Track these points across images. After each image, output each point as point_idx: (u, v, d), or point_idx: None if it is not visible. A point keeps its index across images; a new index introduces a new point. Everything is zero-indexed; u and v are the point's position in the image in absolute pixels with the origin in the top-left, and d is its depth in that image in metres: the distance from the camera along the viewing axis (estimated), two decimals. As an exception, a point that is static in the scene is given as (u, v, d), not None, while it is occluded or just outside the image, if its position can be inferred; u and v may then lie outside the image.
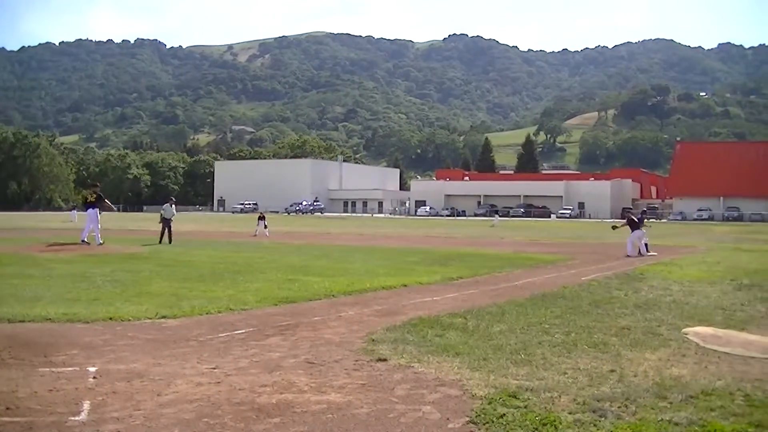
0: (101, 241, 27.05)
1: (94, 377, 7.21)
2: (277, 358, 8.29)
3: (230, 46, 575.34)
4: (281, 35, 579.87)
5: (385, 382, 7.16)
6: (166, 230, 31.04)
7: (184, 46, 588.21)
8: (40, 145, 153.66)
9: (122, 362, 7.92)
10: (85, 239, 27.24)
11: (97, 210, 27.54)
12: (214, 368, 7.70)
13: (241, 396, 6.59)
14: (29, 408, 6.09)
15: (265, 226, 40.89)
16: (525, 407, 6.27)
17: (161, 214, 32.04)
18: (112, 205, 29.10)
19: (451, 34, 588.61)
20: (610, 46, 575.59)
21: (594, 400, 6.52)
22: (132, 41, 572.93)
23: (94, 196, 27.97)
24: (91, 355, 8.23)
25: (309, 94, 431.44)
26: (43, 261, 20.12)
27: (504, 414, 6.06)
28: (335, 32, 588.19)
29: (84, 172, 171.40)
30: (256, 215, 46.13)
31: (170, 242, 30.35)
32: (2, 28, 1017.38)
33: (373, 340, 9.30)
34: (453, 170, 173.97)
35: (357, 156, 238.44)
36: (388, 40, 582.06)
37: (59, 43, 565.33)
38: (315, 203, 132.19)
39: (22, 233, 38.42)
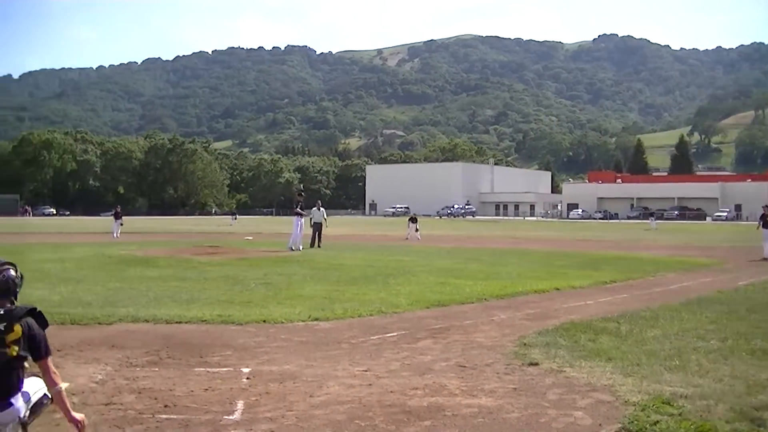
0: (297, 248, 28.02)
1: (247, 378, 7.43)
2: (428, 361, 8.30)
3: (379, 51, 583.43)
4: (429, 39, 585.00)
5: (536, 387, 7.08)
6: (317, 233, 31.62)
7: (333, 52, 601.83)
8: (195, 150, 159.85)
9: (275, 363, 8.12)
10: (294, 247, 28.21)
11: (300, 217, 28.75)
12: (366, 370, 7.78)
13: (392, 398, 6.63)
14: (186, 406, 6.34)
15: (417, 229, 40.95)
16: (679, 415, 6.05)
17: (311, 218, 32.67)
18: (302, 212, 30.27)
19: (601, 34, 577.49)
20: (767, 42, 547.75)
21: (752, 409, 6.23)
22: (282, 48, 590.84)
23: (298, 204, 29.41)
24: (244, 356, 8.48)
25: (459, 97, 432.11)
26: (199, 264, 20.90)
27: (657, 421, 5.88)
28: (484, 35, 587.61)
29: (237, 177, 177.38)
30: (407, 218, 46.36)
31: (319, 246, 30.89)
32: (158, 38, 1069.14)
33: (524, 344, 9.20)
34: (605, 172, 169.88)
35: (508, 159, 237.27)
36: (537, 41, 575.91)
37: (212, 52, 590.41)
38: (466, 207, 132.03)
39: (178, 237, 40.09)
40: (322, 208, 33.30)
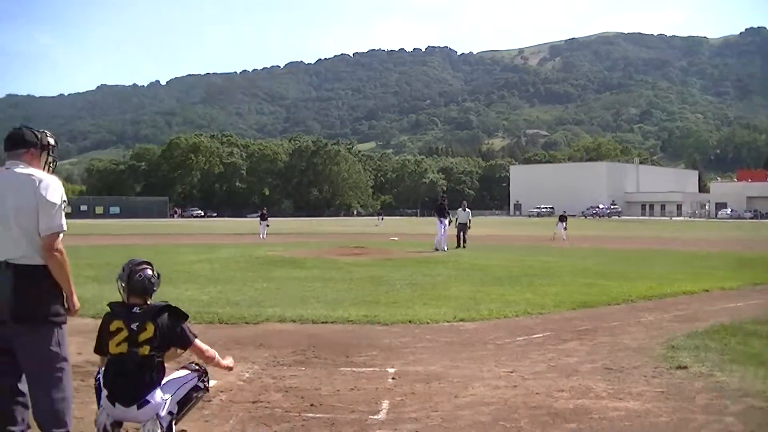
0: (441, 249, 28.28)
1: (393, 378, 7.45)
2: (574, 363, 8.16)
3: (520, 50, 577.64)
4: (571, 37, 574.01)
5: (685, 391, 6.87)
6: (461, 234, 31.75)
7: (474, 52, 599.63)
8: (339, 152, 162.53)
9: (421, 364, 8.12)
10: (439, 248, 28.55)
11: (444, 219, 29.10)
12: (512, 372, 7.70)
13: (537, 400, 6.54)
14: (331, 405, 6.41)
15: (565, 228, 40.52)
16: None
17: (455, 219, 32.84)
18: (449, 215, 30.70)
19: (748, 27, 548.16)
20: None
21: None
22: (423, 49, 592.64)
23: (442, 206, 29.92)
24: (390, 357, 8.52)
25: (602, 95, 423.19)
26: (344, 264, 21.21)
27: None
28: (626, 31, 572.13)
29: (381, 178, 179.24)
30: (557, 217, 45.90)
31: (464, 246, 31.11)
32: (301, 43, 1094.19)
33: (672, 347, 8.92)
34: (755, 171, 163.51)
35: (653, 158, 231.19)
36: (681, 37, 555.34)
37: (353, 54, 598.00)
38: (612, 207, 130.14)
39: (324, 238, 40.85)
40: (467, 209, 33.65)
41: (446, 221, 29.71)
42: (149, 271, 5.08)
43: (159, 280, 5.17)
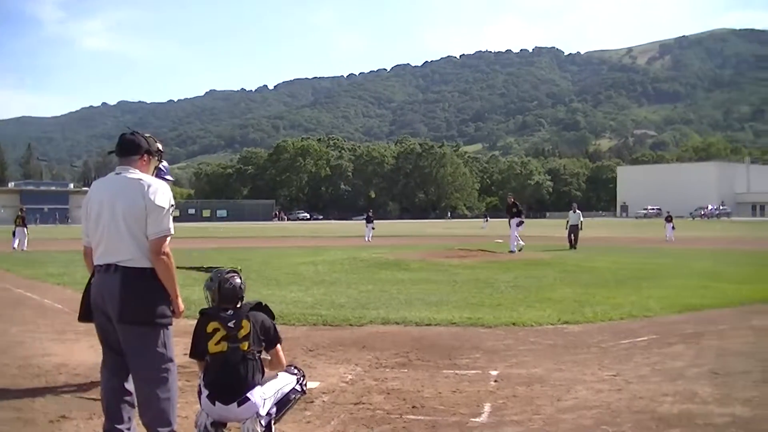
0: (513, 250, 28.11)
1: (495, 380, 7.40)
2: (679, 367, 7.95)
3: (629, 49, 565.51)
4: (681, 35, 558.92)
5: (796, 397, 6.59)
6: (573, 235, 32.07)
7: (581, 52, 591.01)
8: (445, 154, 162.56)
9: (523, 366, 8.05)
10: (514, 249, 28.51)
11: (517, 219, 29.03)
12: (615, 375, 7.56)
13: (641, 404, 6.40)
14: (433, 408, 6.40)
15: (673, 228, 39.90)
16: None
17: (566, 221, 33.26)
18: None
19: None
20: None
21: None
22: (530, 50, 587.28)
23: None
24: (493, 359, 8.47)
25: (712, 94, 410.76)
26: (449, 267, 21.12)
27: None
28: (738, 28, 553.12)
29: (488, 180, 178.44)
30: (663, 219, 45.15)
31: (575, 248, 31.18)
32: (407, 46, 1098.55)
33: (785, 352, 8.60)
34: None
35: (766, 157, 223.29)
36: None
37: (459, 56, 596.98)
38: (721, 207, 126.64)
39: (429, 240, 40.88)
40: (578, 211, 33.82)
41: (515, 221, 29.40)
42: (237, 279, 5.25)
43: (244, 287, 5.33)
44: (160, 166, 7.69)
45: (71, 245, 32.41)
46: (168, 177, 7.70)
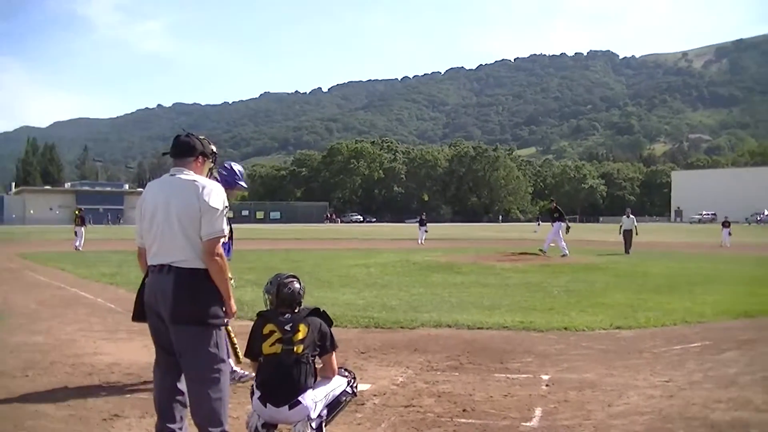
0: (565, 253, 27.89)
1: (546, 385, 7.40)
2: (732, 374, 7.84)
3: (685, 53, 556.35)
4: (738, 38, 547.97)
5: None
6: (627, 240, 32.20)
7: (636, 56, 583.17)
8: (498, 158, 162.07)
9: (575, 371, 8.02)
10: (545, 250, 28.30)
11: (560, 224, 28.72)
12: (667, 381, 7.49)
13: (693, 411, 6.34)
14: (484, 411, 6.41)
15: (729, 234, 39.44)
16: None
17: (620, 226, 33.57)
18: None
19: None
20: None
21: None
22: (585, 53, 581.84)
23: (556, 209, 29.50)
24: (544, 363, 8.45)
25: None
26: (501, 270, 21.08)
27: None
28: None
29: (541, 184, 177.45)
30: (718, 224, 44.71)
31: (628, 252, 31.12)
32: (461, 49, 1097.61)
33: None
34: None
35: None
36: None
37: (514, 60, 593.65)
38: None
39: (482, 243, 40.77)
40: (631, 216, 33.87)
41: (558, 225, 28.97)
42: (296, 285, 5.34)
43: (304, 292, 5.42)
44: (235, 170, 7.86)
45: (122, 245, 33.00)
46: (242, 183, 7.86)
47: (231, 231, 7.86)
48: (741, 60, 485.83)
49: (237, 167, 7.98)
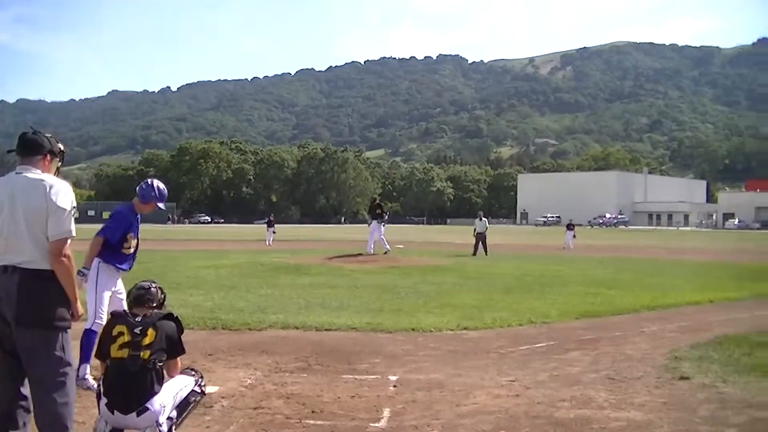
0: (369, 252, 28.09)
1: (394, 386, 7.47)
2: (576, 373, 8.18)
3: (531, 59, 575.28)
4: (582, 46, 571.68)
5: (687, 402, 6.88)
6: (480, 243, 32.66)
7: (485, 61, 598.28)
8: (347, 159, 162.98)
9: (423, 372, 8.14)
10: (367, 252, 28.36)
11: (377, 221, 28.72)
12: (513, 381, 7.72)
13: (539, 409, 6.55)
14: (332, 412, 6.42)
15: (574, 236, 40.94)
16: None
17: (474, 228, 34.23)
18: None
19: (761, 37, 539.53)
20: None
21: None
22: (434, 57, 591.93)
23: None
24: (392, 364, 8.54)
25: (612, 105, 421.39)
26: (350, 272, 21.19)
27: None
28: (638, 41, 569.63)
29: (389, 186, 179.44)
30: (563, 226, 46.42)
31: (486, 254, 32.03)
32: (312, 50, 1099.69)
33: (676, 357, 8.95)
34: (765, 181, 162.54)
35: (663, 168, 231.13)
36: (694, 47, 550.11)
37: (364, 62, 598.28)
38: (619, 216, 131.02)
39: (330, 245, 40.87)
40: (484, 219, 34.66)
41: (374, 224, 29.03)
42: (151, 286, 5.37)
43: (163, 295, 5.39)
44: (154, 186, 7.74)
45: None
46: (159, 203, 7.91)
47: (137, 244, 7.72)
48: (585, 67, 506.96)
49: (158, 184, 8.00)
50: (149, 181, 7.96)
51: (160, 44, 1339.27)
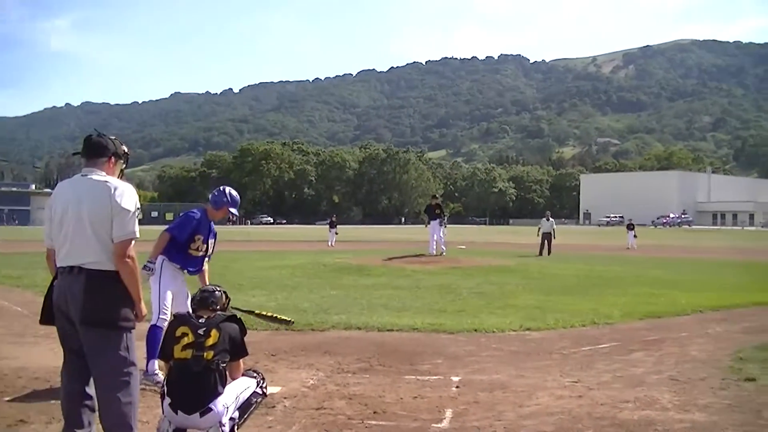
0: (431, 253, 27.92)
1: (457, 386, 7.45)
2: (640, 374, 8.07)
3: (594, 58, 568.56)
4: (645, 44, 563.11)
5: (752, 404, 6.74)
6: (546, 243, 32.81)
7: (547, 60, 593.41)
8: (409, 160, 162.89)
9: (485, 373, 8.10)
10: (429, 253, 28.23)
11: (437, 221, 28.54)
12: (576, 382, 7.64)
13: (602, 411, 6.48)
14: (395, 413, 6.42)
15: (635, 236, 40.49)
16: None
17: (539, 228, 34.47)
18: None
19: None
20: None
21: None
22: (496, 57, 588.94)
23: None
24: (455, 365, 8.51)
25: (675, 103, 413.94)
26: (412, 272, 21.10)
27: None
28: (701, 39, 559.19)
29: (451, 187, 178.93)
30: (625, 226, 45.91)
31: (549, 254, 32.12)
32: (373, 51, 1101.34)
33: (741, 359, 8.77)
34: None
35: (726, 167, 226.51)
36: (758, 44, 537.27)
37: (425, 62, 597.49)
38: (683, 216, 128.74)
39: (392, 245, 40.88)
40: (551, 219, 34.87)
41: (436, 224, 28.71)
42: (216, 290, 5.48)
43: (227, 299, 5.50)
44: (226, 192, 7.93)
45: (30, 247, 32.03)
46: (232, 209, 8.11)
47: (209, 250, 7.86)
48: (648, 66, 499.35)
49: (230, 190, 8.20)
50: (221, 187, 8.08)
51: (222, 46, 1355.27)
